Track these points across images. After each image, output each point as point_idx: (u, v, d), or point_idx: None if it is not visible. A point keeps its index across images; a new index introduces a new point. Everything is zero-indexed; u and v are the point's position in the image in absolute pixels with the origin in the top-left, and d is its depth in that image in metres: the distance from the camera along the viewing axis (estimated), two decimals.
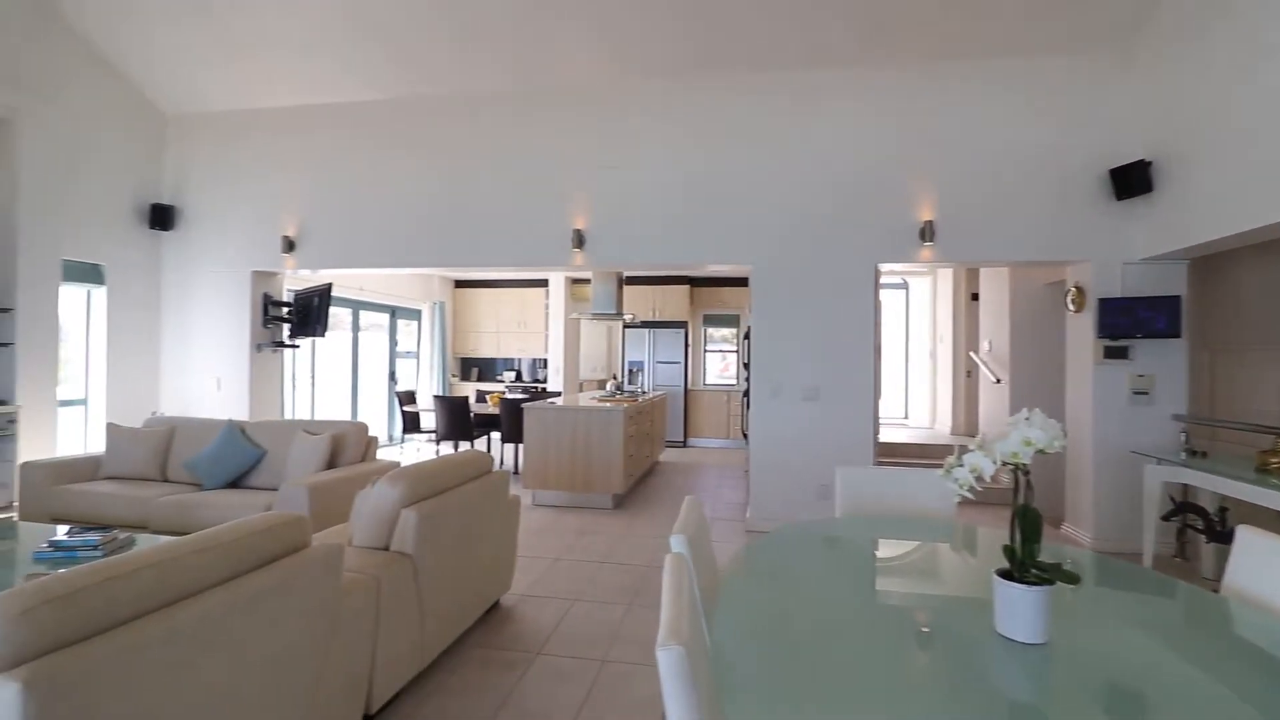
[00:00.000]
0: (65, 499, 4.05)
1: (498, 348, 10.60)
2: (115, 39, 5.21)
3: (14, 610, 1.15)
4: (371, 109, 5.61)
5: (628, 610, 3.26)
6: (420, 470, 2.57)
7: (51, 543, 2.89)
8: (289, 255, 5.68)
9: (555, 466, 5.56)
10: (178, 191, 5.96)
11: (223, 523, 3.53)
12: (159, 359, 5.95)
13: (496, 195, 5.37)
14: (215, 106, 5.87)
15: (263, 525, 1.71)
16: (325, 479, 3.76)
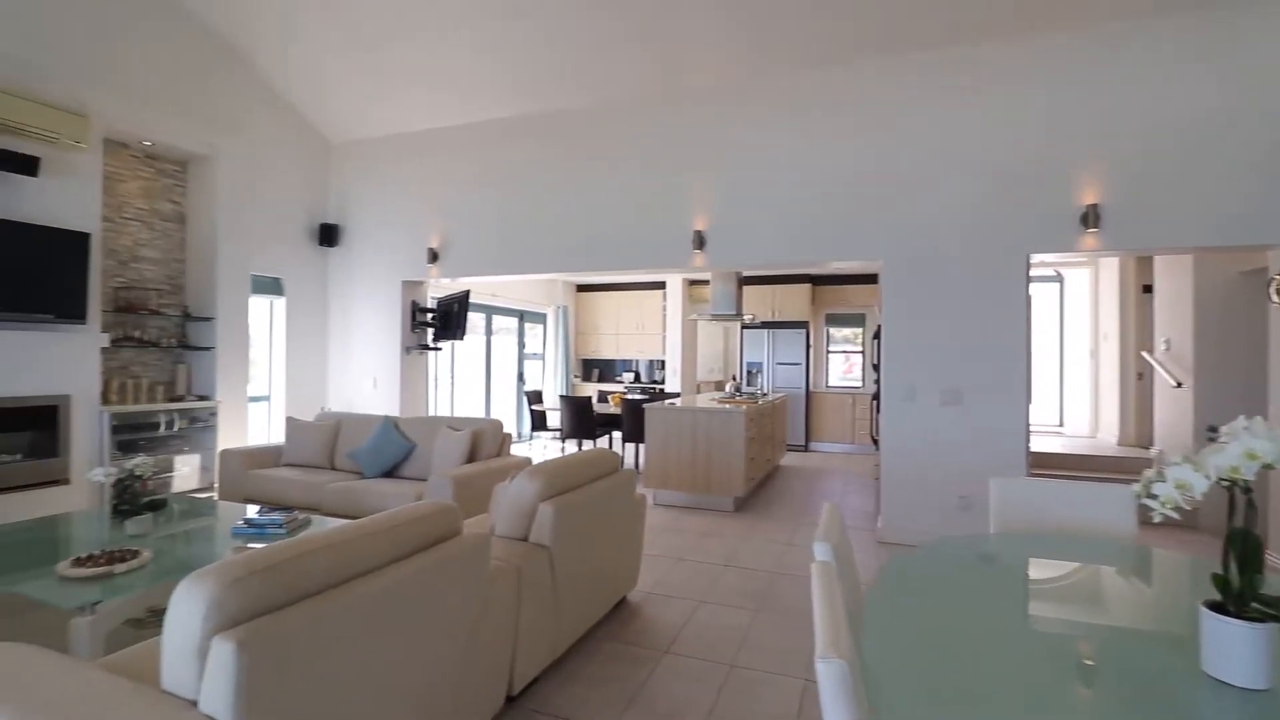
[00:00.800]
0: (255, 482, 4.66)
1: (617, 349, 10.85)
2: (290, 79, 5.93)
3: (228, 579, 1.33)
4: (504, 126, 5.95)
5: (754, 616, 3.19)
6: (555, 466, 2.67)
7: (245, 520, 3.33)
8: (433, 265, 6.17)
9: (676, 467, 5.59)
10: (341, 211, 6.67)
11: (381, 508, 3.88)
12: (326, 360, 6.70)
13: (619, 201, 5.50)
14: (371, 133, 6.51)
15: (421, 513, 1.85)
16: (467, 472, 4.03)
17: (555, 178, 5.75)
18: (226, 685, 1.23)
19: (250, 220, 5.74)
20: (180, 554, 2.98)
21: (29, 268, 4.14)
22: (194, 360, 5.48)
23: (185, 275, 5.55)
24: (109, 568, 2.61)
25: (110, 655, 1.73)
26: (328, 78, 5.84)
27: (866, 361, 9.48)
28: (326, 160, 6.71)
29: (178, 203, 5.52)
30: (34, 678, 1.35)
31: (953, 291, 4.46)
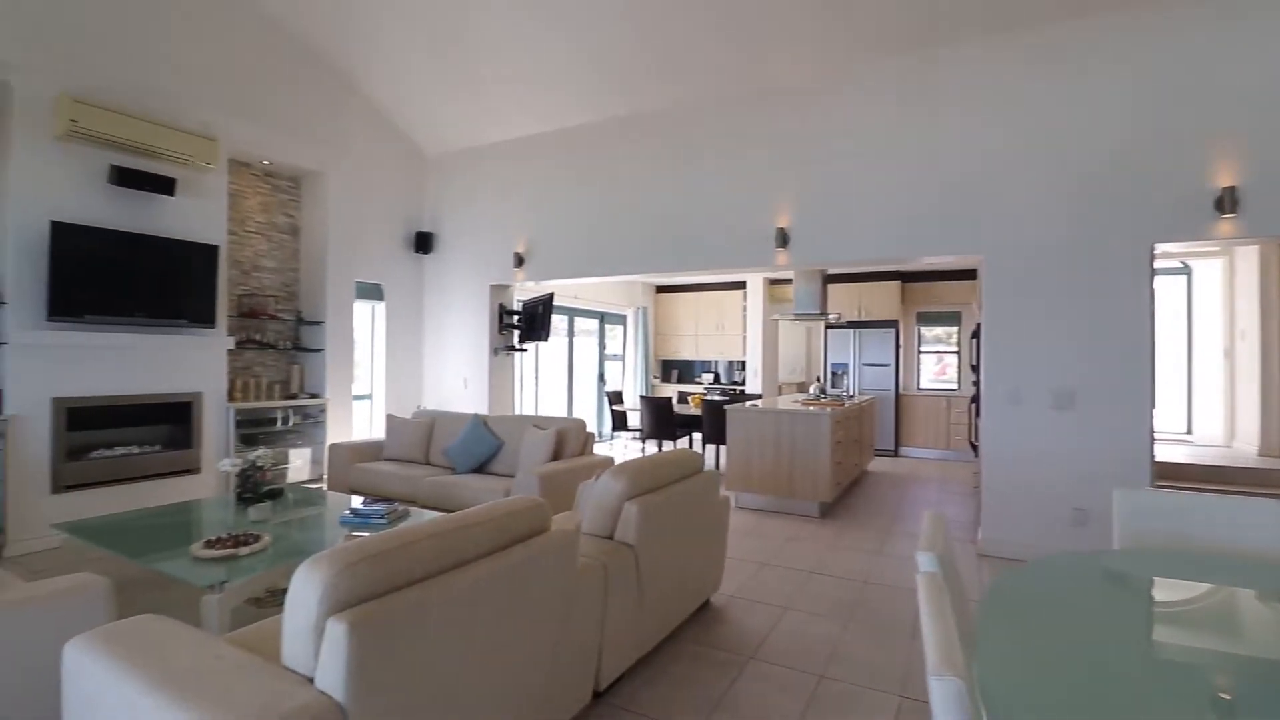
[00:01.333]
0: (358, 475, 4.98)
1: (696, 350, 10.80)
2: (390, 98, 6.30)
3: (341, 564, 1.41)
4: (587, 131, 6.06)
5: (845, 626, 3.07)
6: (639, 466, 2.68)
7: (351, 510, 3.55)
8: (519, 269, 6.37)
9: (758, 470, 5.48)
10: (435, 220, 7.01)
11: (472, 502, 4.03)
12: (421, 361, 7.06)
13: (701, 200, 5.47)
14: (462, 145, 6.81)
15: (515, 508, 1.90)
16: (552, 469, 4.13)
17: (638, 179, 5.79)
18: (340, 664, 1.31)
19: (355, 230, 6.14)
20: (295, 539, 3.22)
21: (167, 278, 4.61)
22: (306, 361, 5.92)
23: (299, 283, 6.02)
24: (234, 550, 2.85)
25: (236, 630, 1.88)
26: (423, 94, 6.16)
27: (963, 362, 8.95)
28: (422, 172, 7.07)
29: (292, 216, 5.99)
30: (172, 648, 1.49)
31: (1064, 286, 4.12)
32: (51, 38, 4.14)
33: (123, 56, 4.48)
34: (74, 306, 4.13)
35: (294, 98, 5.63)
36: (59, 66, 4.14)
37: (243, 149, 5.26)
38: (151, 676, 1.36)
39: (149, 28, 4.63)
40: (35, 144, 4.05)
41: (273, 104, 5.45)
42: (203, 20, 4.94)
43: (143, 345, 4.53)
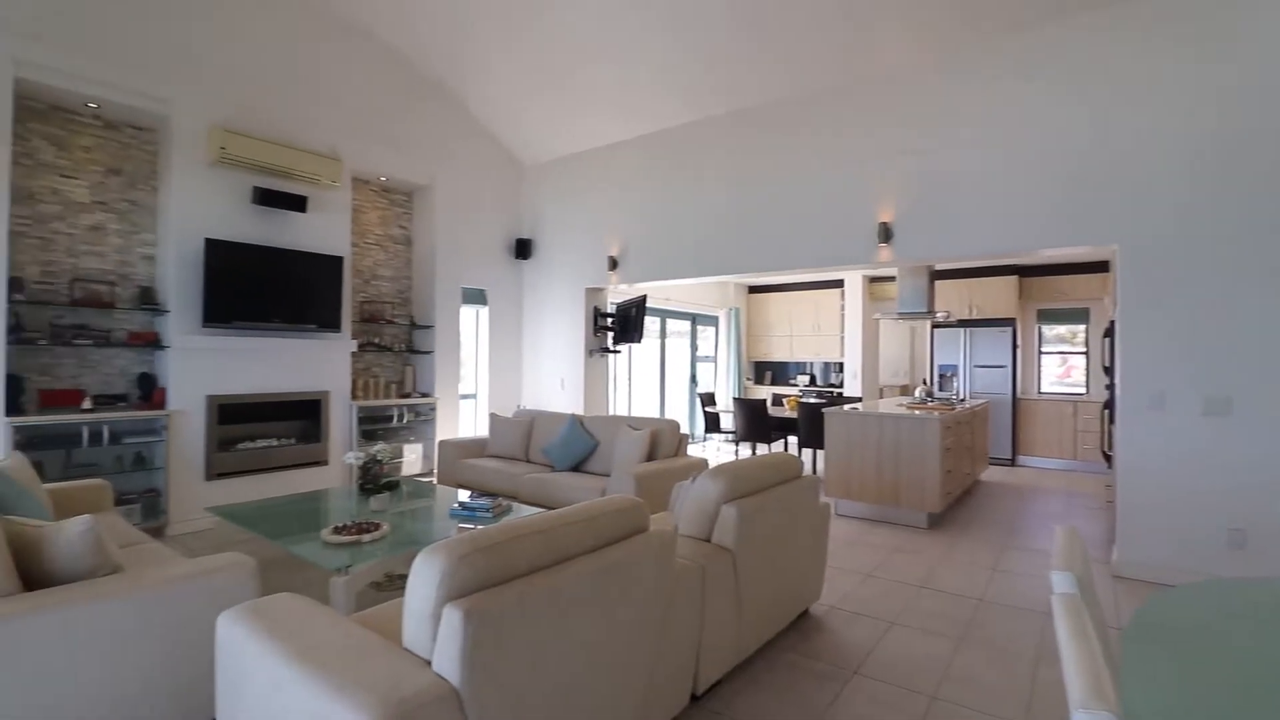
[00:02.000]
0: (465, 470, 5.25)
1: (790, 351, 10.53)
2: (491, 112, 6.60)
3: (456, 554, 1.48)
4: (679, 131, 6.08)
5: (958, 646, 2.88)
6: (738, 469, 2.64)
7: (460, 503, 3.75)
8: (612, 272, 6.48)
9: (859, 476, 5.25)
10: (533, 227, 7.28)
11: (569, 500, 4.13)
12: (521, 363, 7.34)
13: (797, 197, 5.33)
14: (558, 153, 7.02)
15: (615, 507, 1.93)
16: (647, 469, 4.16)
17: (732, 177, 5.73)
18: (455, 649, 1.38)
19: (460, 239, 6.49)
20: (411, 529, 3.44)
21: (300, 287, 5.07)
22: (418, 362, 6.32)
23: (411, 289, 6.44)
24: (358, 537, 3.08)
25: (361, 611, 2.03)
26: (520, 106, 6.41)
27: (1092, 363, 8.15)
28: (520, 181, 7.36)
29: (405, 228, 6.42)
30: (308, 624, 1.63)
31: (1215, 278, 3.65)
32: (204, 76, 4.67)
33: (262, 89, 4.98)
34: (224, 314, 4.64)
35: (406, 117, 6.03)
36: (210, 101, 4.66)
37: (363, 167, 5.69)
38: (290, 649, 1.49)
39: (284, 63, 5.12)
40: (191, 170, 4.59)
41: (388, 124, 5.86)
42: (330, 54, 5.40)
43: (279, 348, 5.01)
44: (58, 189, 4.29)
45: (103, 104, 4.29)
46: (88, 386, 4.38)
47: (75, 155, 4.36)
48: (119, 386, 4.54)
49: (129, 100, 4.29)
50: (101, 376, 4.47)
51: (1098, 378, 7.84)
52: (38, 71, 3.92)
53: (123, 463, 4.43)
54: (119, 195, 4.55)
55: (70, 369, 4.35)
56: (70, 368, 4.35)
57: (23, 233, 4.14)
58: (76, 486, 3.43)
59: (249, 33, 4.91)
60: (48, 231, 4.26)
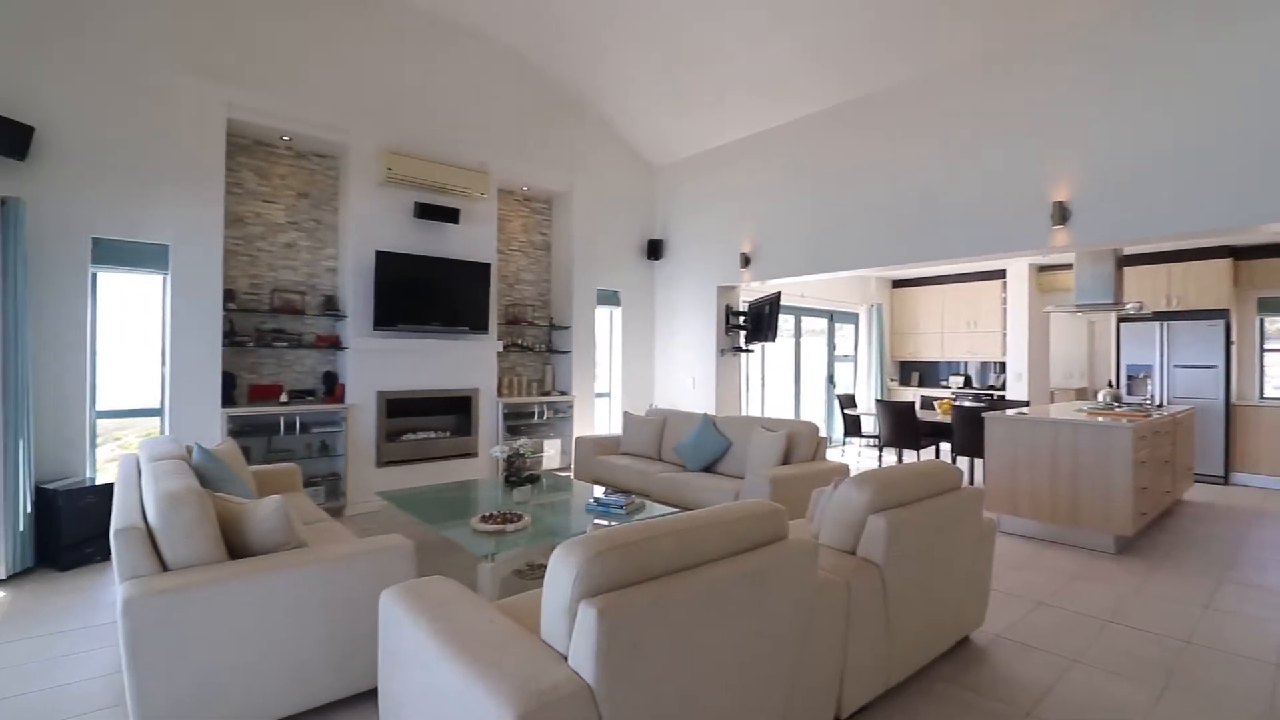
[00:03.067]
0: (600, 466, 5.38)
1: (941, 350, 9.68)
2: (622, 116, 6.73)
3: (592, 552, 1.48)
4: (812, 122, 5.81)
5: (1159, 695, 2.44)
6: (887, 476, 2.43)
7: (595, 499, 3.83)
8: (745, 270, 6.33)
9: (1029, 490, 4.68)
10: (664, 227, 7.32)
11: (702, 501, 4.08)
12: (653, 362, 7.42)
13: (950, 180, 4.87)
14: (687, 153, 7.00)
15: (752, 512, 1.84)
16: (784, 473, 3.99)
17: (873, 165, 5.37)
18: (589, 646, 1.37)
19: (595, 242, 6.68)
20: (550, 521, 3.57)
21: (454, 293, 5.49)
22: (556, 362, 6.60)
23: (550, 292, 6.74)
24: (502, 526, 3.24)
25: (504, 599, 2.11)
26: (650, 109, 6.48)
27: None
28: (651, 183, 7.44)
29: (545, 234, 6.73)
30: (456, 607, 1.72)
31: None
32: (374, 105, 5.20)
33: (421, 113, 5.45)
34: (390, 318, 5.14)
35: (545, 130, 6.32)
36: (379, 127, 5.18)
37: (507, 179, 6.04)
38: (439, 630, 1.57)
39: (440, 86, 5.58)
40: (364, 190, 5.13)
41: (530, 138, 6.18)
42: (480, 76, 5.81)
43: (436, 349, 5.45)
44: (260, 212, 4.98)
45: (295, 137, 4.93)
46: (284, 382, 5.05)
47: (273, 182, 5.05)
48: (308, 383, 5.18)
49: (316, 133, 4.89)
50: (294, 374, 5.13)
51: None
52: (244, 112, 4.58)
53: (310, 449, 5.06)
54: (307, 215, 5.20)
55: (271, 367, 5.03)
56: (271, 366, 5.03)
57: (235, 251, 4.85)
58: (274, 469, 3.95)
59: (412, 62, 5.40)
60: (253, 249, 4.96)
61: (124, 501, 2.34)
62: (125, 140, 4.21)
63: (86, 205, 4.06)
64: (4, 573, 3.38)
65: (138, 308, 4.53)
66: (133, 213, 4.24)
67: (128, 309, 4.50)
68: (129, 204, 4.23)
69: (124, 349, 4.49)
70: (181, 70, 4.37)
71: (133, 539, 1.99)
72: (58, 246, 3.96)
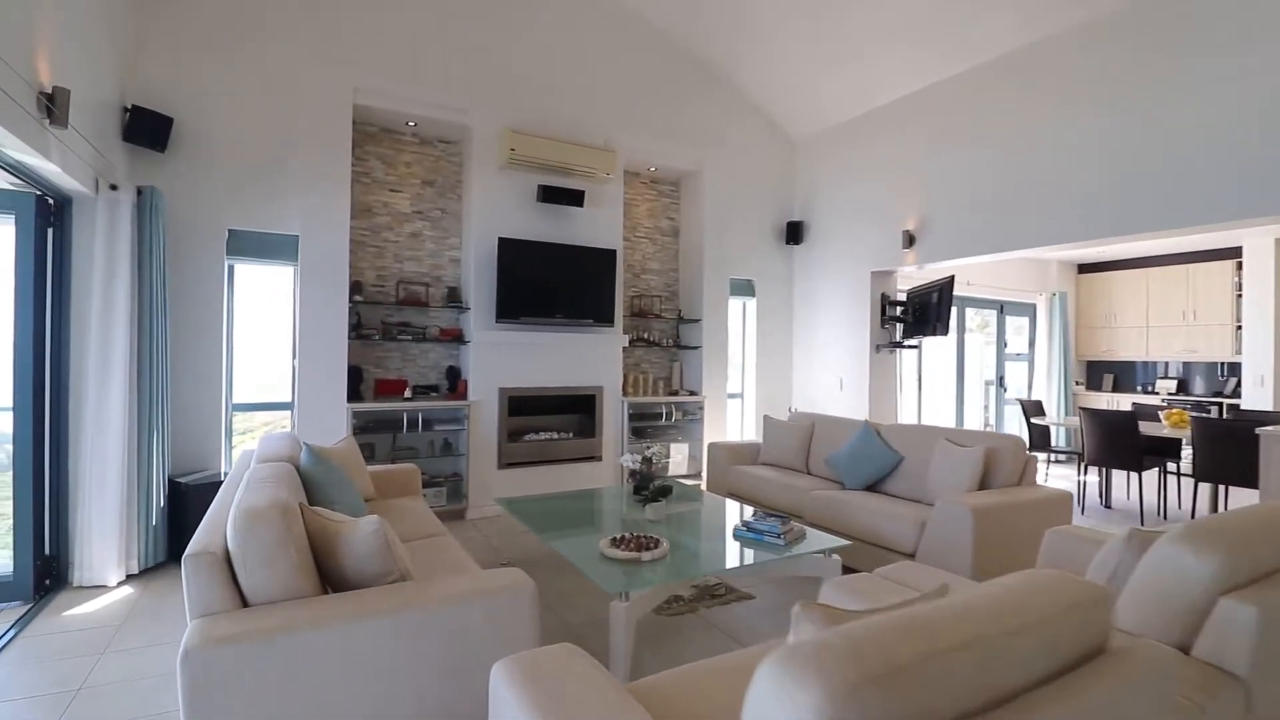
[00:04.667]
0: (736, 477, 4.71)
1: (1145, 348, 7.99)
2: (758, 83, 5.99)
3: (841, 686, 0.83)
4: (986, 71, 4.75)
5: None
6: (1240, 528, 1.57)
7: (744, 523, 3.16)
8: (909, 250, 5.38)
9: None
10: (806, 207, 6.49)
11: (873, 529, 3.28)
12: (790, 360, 6.61)
13: (1181, 130, 3.68)
14: (831, 121, 6.12)
15: (1070, 598, 1.10)
16: (989, 502, 3.11)
17: (1068, 119, 4.27)
18: None
19: (728, 226, 6.01)
20: (691, 548, 2.96)
21: (578, 282, 5.06)
22: (684, 358, 6.01)
23: (678, 282, 6.15)
24: (637, 554, 2.68)
25: (642, 680, 1.53)
26: (790, 73, 5.69)
27: None
28: (790, 158, 6.63)
29: (673, 219, 6.16)
30: (579, 696, 1.18)
31: None
32: (495, 83, 4.88)
33: (543, 88, 5.07)
34: (513, 309, 4.79)
35: (674, 103, 5.73)
36: (500, 106, 4.85)
37: (634, 158, 5.52)
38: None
39: (562, 57, 5.17)
40: (487, 174, 4.82)
41: (657, 112, 5.62)
42: (603, 43, 5.34)
43: (559, 343, 5.05)
44: (386, 202, 4.82)
45: (419, 121, 4.71)
46: (409, 377, 4.86)
47: (399, 170, 4.87)
48: (432, 378, 4.96)
49: (439, 115, 4.64)
50: (418, 369, 4.93)
51: None
52: (370, 96, 4.39)
53: (433, 448, 4.83)
54: (432, 204, 4.98)
55: (395, 362, 4.86)
56: (395, 360, 4.86)
57: (362, 242, 4.71)
58: (393, 470, 3.67)
59: (532, 33, 5.04)
60: (380, 240, 4.80)
61: (215, 514, 2.02)
62: (258, 130, 4.15)
63: (221, 196, 4.03)
64: (136, 568, 3.33)
65: (271, 300, 4.50)
66: (265, 203, 4.18)
67: (262, 301, 4.47)
68: (262, 195, 4.17)
69: (258, 341, 4.46)
70: (310, 59, 4.25)
71: (203, 567, 1.62)
72: (195, 237, 3.95)
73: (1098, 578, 1.80)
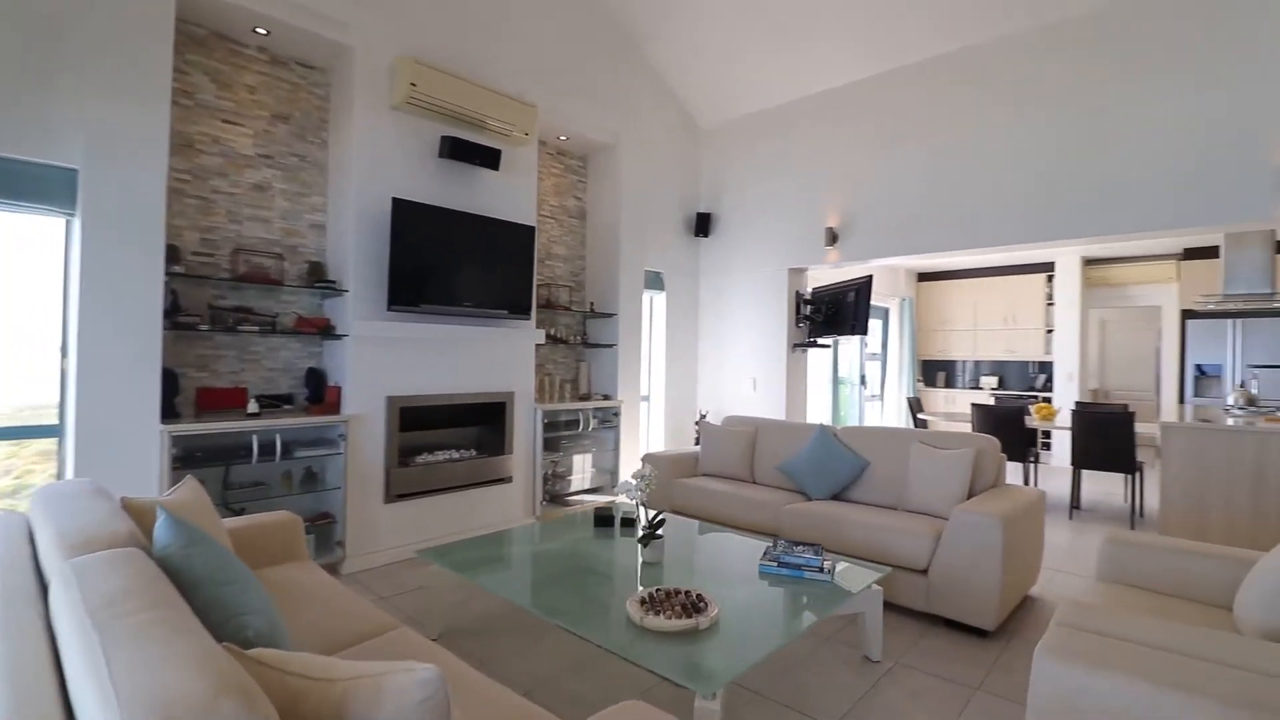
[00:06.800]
0: (681, 492, 4.15)
1: (974, 349, 9.00)
2: (670, 60, 5.51)
3: None
4: (924, 72, 4.79)
5: None
6: None
7: (773, 558, 2.60)
8: (832, 248, 5.25)
9: (1224, 513, 3.84)
10: (714, 199, 6.14)
11: (876, 545, 2.84)
12: (697, 359, 6.21)
13: (1115, 139, 3.95)
14: (743, 110, 5.85)
15: None
16: (1006, 509, 2.89)
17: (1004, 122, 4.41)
18: None
19: (641, 213, 5.40)
20: (742, 603, 2.29)
21: (492, 264, 4.08)
22: (593, 358, 5.28)
23: (585, 271, 5.40)
24: (693, 622, 1.98)
25: None
26: (707, 53, 5.30)
27: None
28: (696, 146, 6.24)
29: (580, 198, 5.40)
30: None
31: None
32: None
33: (450, 16, 4.01)
34: (412, 295, 3.69)
35: (592, 63, 4.99)
36: (393, 27, 3.72)
37: (547, 121, 4.64)
38: None
39: None
40: (373, 115, 3.65)
41: (569, 69, 4.82)
42: None
43: (466, 338, 4.04)
44: (220, 137, 3.43)
45: (273, 29, 3.40)
46: (249, 385, 3.51)
47: (239, 96, 3.50)
48: (283, 385, 3.66)
49: (304, 23, 3.38)
50: (264, 372, 3.60)
51: None
52: None
53: (290, 482, 3.54)
54: (286, 148, 3.67)
55: (230, 363, 3.48)
56: (230, 361, 3.48)
57: (180, 190, 3.29)
58: (263, 524, 2.48)
59: None
60: (208, 190, 3.40)
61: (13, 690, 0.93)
62: None
63: None
64: None
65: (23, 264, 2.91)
66: (20, 114, 2.66)
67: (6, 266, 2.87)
68: (14, 99, 2.65)
69: None
70: None
71: None
72: None
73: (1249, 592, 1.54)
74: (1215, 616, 2.01)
